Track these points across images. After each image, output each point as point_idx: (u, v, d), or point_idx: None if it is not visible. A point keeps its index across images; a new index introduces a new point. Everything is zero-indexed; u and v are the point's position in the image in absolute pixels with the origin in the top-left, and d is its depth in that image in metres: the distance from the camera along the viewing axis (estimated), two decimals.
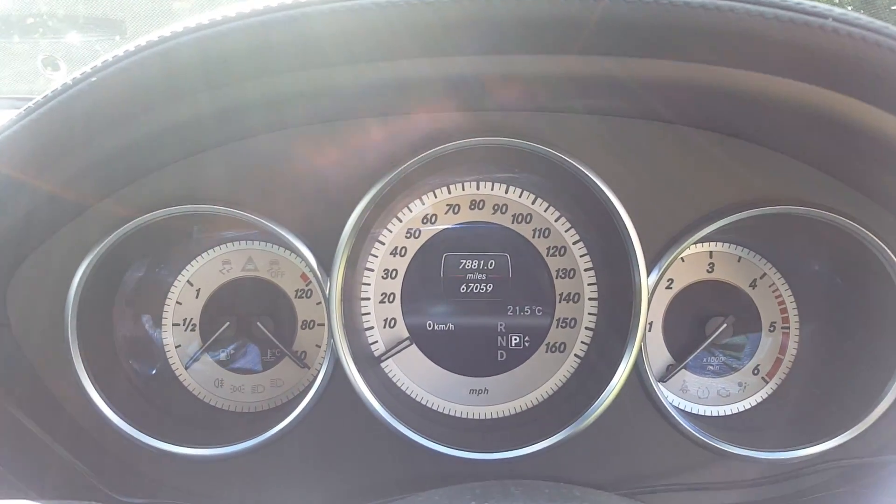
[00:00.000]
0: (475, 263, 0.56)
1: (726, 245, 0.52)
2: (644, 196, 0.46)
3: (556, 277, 0.54)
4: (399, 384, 0.53)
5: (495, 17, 0.31)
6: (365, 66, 0.35)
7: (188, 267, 0.52)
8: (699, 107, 0.40)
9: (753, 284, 0.52)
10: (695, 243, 0.51)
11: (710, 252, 0.52)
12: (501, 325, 0.55)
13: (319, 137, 0.46)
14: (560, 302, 0.54)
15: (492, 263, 0.56)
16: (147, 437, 0.44)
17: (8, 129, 0.33)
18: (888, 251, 0.42)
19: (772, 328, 0.52)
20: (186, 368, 0.53)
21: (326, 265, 0.48)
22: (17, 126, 0.32)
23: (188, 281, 0.53)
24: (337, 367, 0.49)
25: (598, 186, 0.46)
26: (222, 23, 0.32)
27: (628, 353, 0.46)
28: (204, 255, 0.53)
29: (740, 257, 0.52)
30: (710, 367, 0.53)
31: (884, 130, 0.33)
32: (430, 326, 0.56)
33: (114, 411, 0.44)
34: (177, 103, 0.34)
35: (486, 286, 0.56)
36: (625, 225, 0.46)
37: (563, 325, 0.54)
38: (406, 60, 0.35)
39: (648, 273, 0.46)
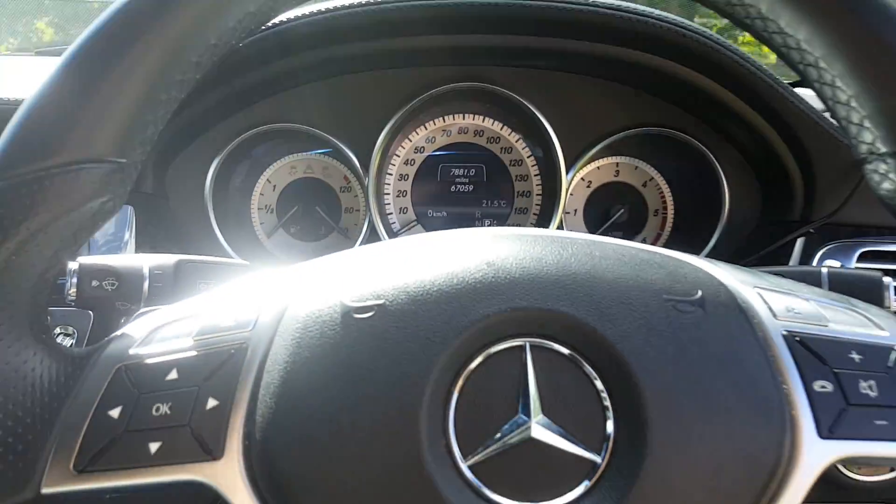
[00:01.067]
0: (461, 171, 0.81)
1: (628, 158, 0.77)
2: (567, 124, 0.70)
3: (515, 180, 0.79)
4: None
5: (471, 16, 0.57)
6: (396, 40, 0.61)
7: (267, 169, 0.77)
8: (600, 66, 0.66)
9: (644, 184, 0.77)
10: (605, 156, 0.76)
11: (617, 162, 0.77)
12: (478, 212, 0.80)
13: (360, 83, 0.71)
14: (517, 196, 0.80)
15: (472, 171, 0.81)
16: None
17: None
18: (710, 155, 0.69)
19: (655, 213, 0.78)
20: (269, 237, 0.79)
21: (365, 168, 0.73)
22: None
23: (268, 179, 0.78)
24: (372, 234, 0.75)
25: (540, 120, 0.71)
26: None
27: (552, 226, 0.73)
28: (278, 161, 0.76)
29: (637, 166, 0.77)
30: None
31: (696, 83, 0.60)
32: (430, 214, 0.81)
33: (236, 254, 0.70)
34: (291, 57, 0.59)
35: (468, 186, 0.81)
36: (554, 144, 0.71)
37: (519, 212, 0.80)
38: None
39: (567, 173, 0.72)
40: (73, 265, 0.41)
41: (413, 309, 0.29)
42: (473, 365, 0.29)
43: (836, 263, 0.63)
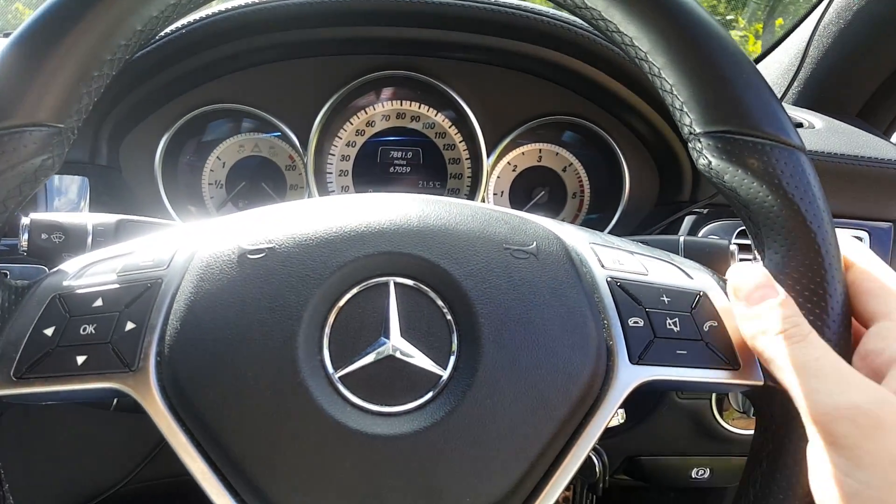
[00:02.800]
0: (399, 153, 0.87)
1: (549, 144, 0.84)
2: (488, 112, 0.77)
3: (448, 163, 0.87)
4: None
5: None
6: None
7: (218, 147, 0.83)
8: (511, 59, 0.74)
9: (564, 169, 0.85)
10: (529, 142, 0.84)
11: (540, 148, 0.84)
12: (414, 192, 0.88)
13: (302, 68, 0.77)
14: (450, 178, 0.87)
15: (409, 153, 0.87)
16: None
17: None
18: (612, 141, 0.77)
19: (574, 196, 0.86)
20: (218, 210, 0.85)
21: (305, 147, 0.80)
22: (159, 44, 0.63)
23: (217, 157, 0.84)
24: None
25: (464, 108, 0.78)
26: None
27: None
28: (228, 140, 0.82)
29: (557, 152, 0.85)
30: None
31: (589, 74, 0.69)
32: (370, 192, 0.88)
33: (180, 218, 0.77)
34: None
35: (406, 168, 0.87)
36: (476, 130, 0.78)
37: (451, 192, 0.87)
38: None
39: (488, 157, 0.80)
40: (25, 220, 0.47)
41: (297, 251, 0.36)
42: (346, 298, 0.36)
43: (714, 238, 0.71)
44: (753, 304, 0.36)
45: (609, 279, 0.39)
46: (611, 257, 0.40)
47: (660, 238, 0.54)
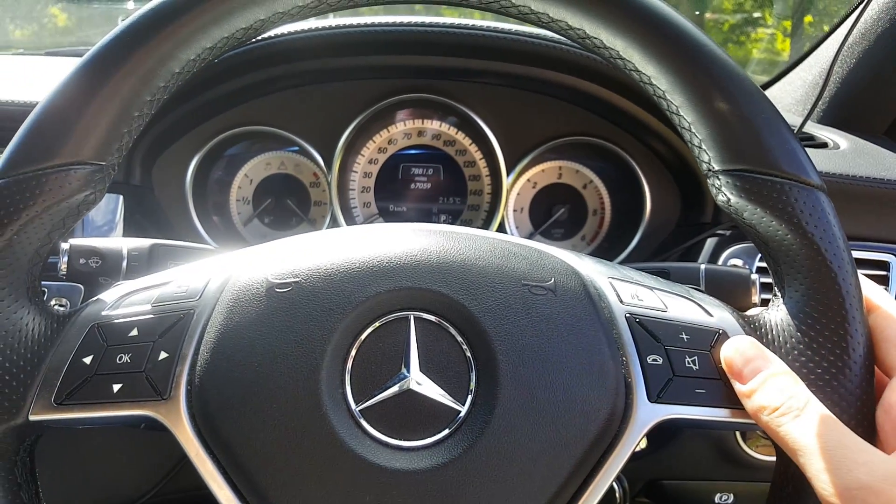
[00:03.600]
0: (420, 170, 0.89)
1: (570, 161, 0.85)
2: (507, 132, 0.78)
3: (468, 180, 0.88)
4: None
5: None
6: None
7: (245, 165, 0.85)
8: (532, 83, 0.74)
9: (585, 186, 0.85)
10: (549, 160, 0.85)
11: (560, 166, 0.85)
12: (435, 208, 0.89)
13: (327, 92, 0.79)
14: (470, 195, 0.88)
15: (430, 170, 0.88)
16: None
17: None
18: (633, 163, 0.77)
19: (594, 213, 0.86)
20: (244, 225, 0.87)
21: (329, 166, 0.81)
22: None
23: (245, 174, 0.87)
24: (333, 224, 0.83)
25: (483, 129, 0.79)
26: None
27: (495, 221, 0.81)
28: (255, 158, 0.84)
29: (578, 169, 0.85)
30: (556, 235, 0.88)
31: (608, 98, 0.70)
32: (391, 208, 0.89)
33: (210, 238, 0.79)
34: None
35: (426, 184, 0.89)
36: (496, 149, 0.79)
37: (471, 208, 0.88)
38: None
39: (508, 175, 0.81)
40: (65, 245, 0.50)
41: (322, 286, 0.37)
42: (368, 331, 0.37)
43: (739, 262, 0.71)
44: (748, 381, 0.36)
45: (628, 315, 0.39)
46: (629, 292, 0.41)
47: (681, 266, 0.54)
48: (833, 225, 0.37)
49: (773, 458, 0.41)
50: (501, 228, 0.82)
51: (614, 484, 0.68)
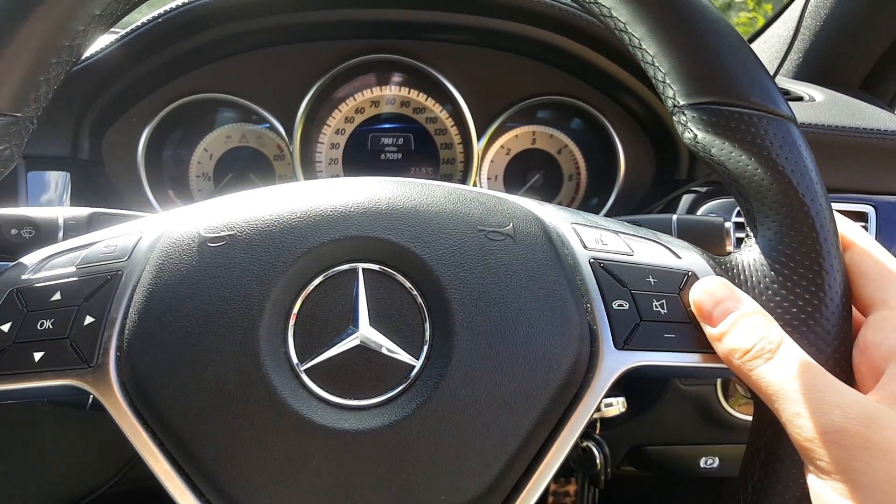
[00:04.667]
0: (390, 140, 0.85)
1: (543, 126, 0.82)
2: (477, 94, 0.75)
3: (440, 148, 0.85)
4: None
5: None
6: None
7: (205, 138, 0.81)
8: (502, 40, 0.71)
9: (559, 151, 0.83)
10: (522, 125, 0.82)
11: (534, 131, 0.82)
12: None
13: (282, 55, 0.76)
14: (442, 164, 0.85)
15: (400, 140, 0.86)
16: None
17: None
18: (605, 120, 0.74)
19: (570, 178, 0.84)
20: None
21: (291, 137, 0.78)
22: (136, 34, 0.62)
23: (204, 148, 0.83)
24: None
25: (451, 91, 0.76)
26: None
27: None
28: (214, 131, 0.81)
29: (552, 134, 0.82)
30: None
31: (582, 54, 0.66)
32: None
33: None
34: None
35: (397, 155, 0.86)
36: (465, 113, 0.76)
37: (445, 178, 0.85)
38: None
39: (478, 140, 0.78)
40: None
41: (258, 238, 0.34)
42: (312, 286, 0.34)
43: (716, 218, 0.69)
44: (718, 323, 0.33)
45: (591, 260, 0.37)
46: (593, 237, 0.38)
47: (652, 217, 0.52)
48: (805, 157, 0.35)
49: None
50: None
51: (594, 449, 0.66)
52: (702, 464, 0.73)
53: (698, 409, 0.69)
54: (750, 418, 0.69)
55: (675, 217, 0.51)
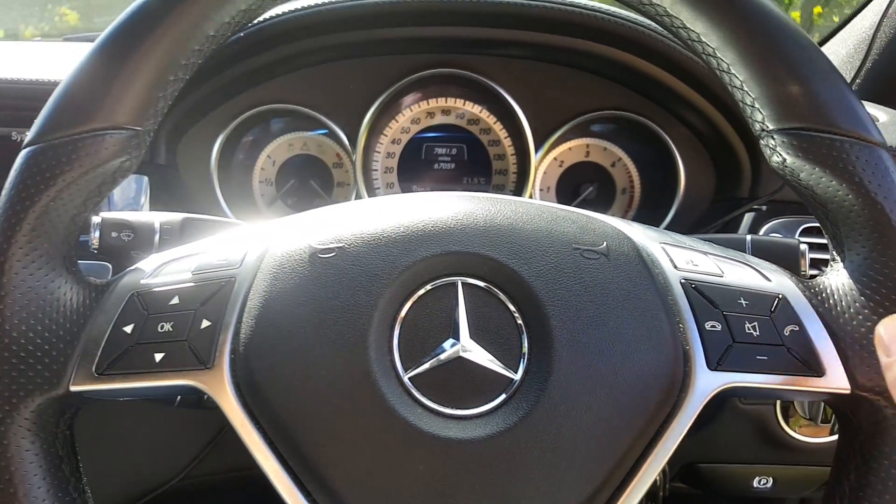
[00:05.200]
0: (444, 150, 0.87)
1: (597, 139, 0.83)
2: (536, 108, 0.76)
3: (493, 159, 0.86)
4: None
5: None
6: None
7: (268, 146, 0.84)
8: (564, 56, 0.72)
9: (613, 164, 0.84)
10: (576, 138, 0.83)
11: (587, 144, 0.83)
12: (458, 188, 0.86)
13: (350, 68, 0.78)
14: (495, 174, 0.87)
15: (454, 150, 0.87)
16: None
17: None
18: (666, 136, 0.75)
19: (623, 192, 0.84)
20: (268, 207, 0.86)
21: (353, 146, 0.80)
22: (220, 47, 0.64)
23: (268, 155, 0.85)
24: None
25: (511, 104, 0.77)
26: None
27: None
28: (278, 139, 0.83)
29: (606, 147, 0.83)
30: None
31: (647, 71, 0.67)
32: (414, 189, 0.88)
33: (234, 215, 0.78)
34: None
35: (450, 164, 0.87)
36: (524, 126, 0.77)
37: (496, 188, 0.86)
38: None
39: (536, 153, 0.79)
40: (96, 219, 0.49)
41: (366, 251, 0.36)
42: (414, 297, 0.36)
43: (778, 237, 0.69)
44: (893, 353, 0.34)
45: (683, 280, 0.38)
46: (683, 258, 0.39)
47: (725, 237, 0.53)
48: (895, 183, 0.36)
49: (816, 440, 0.39)
50: None
51: None
52: (755, 483, 0.73)
53: (755, 428, 0.69)
54: (809, 440, 0.69)
55: (749, 237, 0.52)
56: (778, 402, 0.67)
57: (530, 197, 0.80)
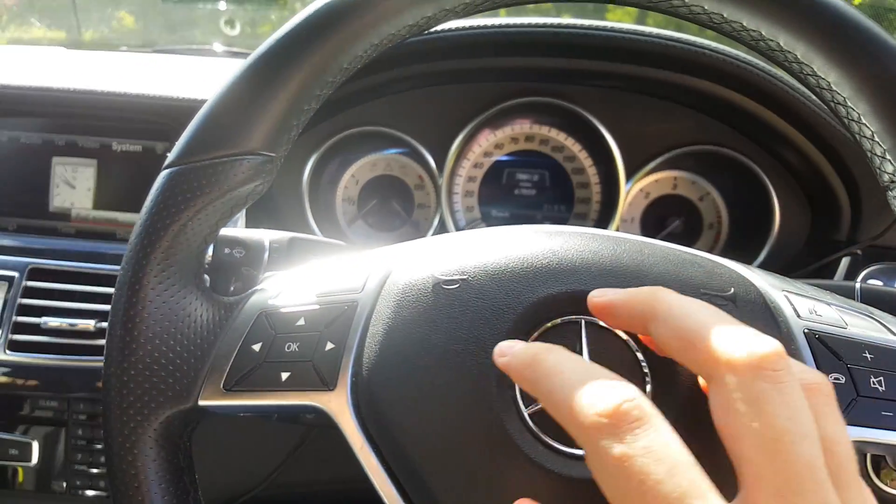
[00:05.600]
0: (525, 176, 0.87)
1: (686, 172, 0.82)
2: (628, 139, 0.76)
3: (576, 187, 0.86)
4: None
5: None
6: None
7: (352, 165, 0.86)
8: (660, 89, 0.71)
9: (701, 198, 0.82)
10: (664, 170, 0.82)
11: (675, 176, 0.82)
12: (539, 215, 0.87)
13: (441, 94, 0.79)
14: (577, 202, 0.86)
15: (536, 176, 0.87)
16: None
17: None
18: (762, 174, 0.73)
19: (710, 227, 0.83)
20: (349, 225, 0.88)
21: (440, 170, 0.81)
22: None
23: (352, 174, 0.87)
24: (442, 229, 0.83)
25: (603, 134, 0.77)
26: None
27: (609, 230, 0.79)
28: (362, 159, 0.85)
29: (694, 181, 0.82)
30: None
31: (748, 108, 0.66)
32: (494, 213, 0.88)
33: (322, 234, 0.80)
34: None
35: (531, 190, 0.88)
36: (616, 157, 0.77)
37: (578, 217, 0.86)
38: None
39: (626, 183, 0.78)
40: None
41: (490, 284, 0.36)
42: (537, 334, 0.36)
43: (878, 283, 0.66)
44: None
45: (806, 330, 0.37)
46: (806, 306, 0.38)
47: (833, 283, 0.51)
48: None
49: None
50: None
51: None
52: None
53: None
54: None
55: (858, 285, 0.50)
56: (868, 456, 0.64)
57: (616, 229, 0.79)
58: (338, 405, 0.35)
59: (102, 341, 0.65)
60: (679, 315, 0.29)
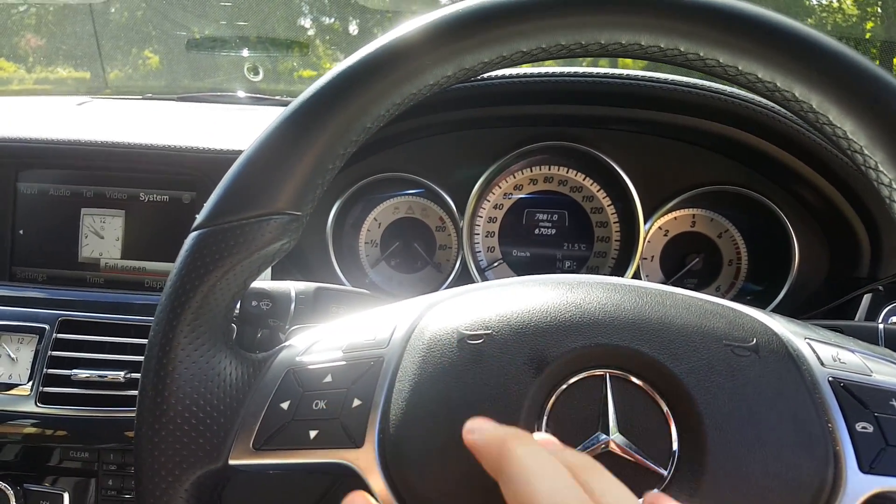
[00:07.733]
0: (545, 216, 0.88)
1: (704, 210, 0.82)
2: (645, 179, 0.77)
3: (595, 226, 0.87)
4: None
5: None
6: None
7: (375, 209, 0.88)
8: (677, 132, 0.73)
9: (720, 235, 0.82)
10: (683, 208, 0.82)
11: (693, 214, 0.82)
12: (559, 254, 0.88)
13: (461, 139, 0.81)
14: (597, 241, 0.87)
15: (555, 216, 0.88)
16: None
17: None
18: (780, 212, 0.73)
19: (730, 263, 0.83)
20: (372, 267, 0.90)
21: (460, 212, 0.83)
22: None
23: (374, 217, 0.89)
24: (463, 270, 0.84)
25: (621, 175, 0.78)
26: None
27: (630, 269, 0.79)
28: (384, 202, 0.87)
29: (712, 218, 0.82)
30: (689, 285, 0.84)
31: (765, 149, 0.66)
32: (514, 253, 0.89)
33: (346, 278, 0.81)
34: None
35: (551, 230, 0.88)
36: (634, 197, 0.78)
37: (598, 255, 0.87)
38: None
39: (645, 223, 0.79)
40: None
41: (514, 339, 0.37)
42: (562, 388, 0.36)
43: None
44: None
45: (831, 379, 0.37)
46: (829, 354, 0.38)
47: (855, 324, 0.51)
48: None
49: None
50: (635, 276, 0.80)
51: None
52: None
53: None
54: None
55: (881, 326, 0.50)
56: None
57: (637, 268, 0.80)
58: (366, 462, 0.36)
59: (132, 392, 0.67)
60: (520, 480, 0.27)
